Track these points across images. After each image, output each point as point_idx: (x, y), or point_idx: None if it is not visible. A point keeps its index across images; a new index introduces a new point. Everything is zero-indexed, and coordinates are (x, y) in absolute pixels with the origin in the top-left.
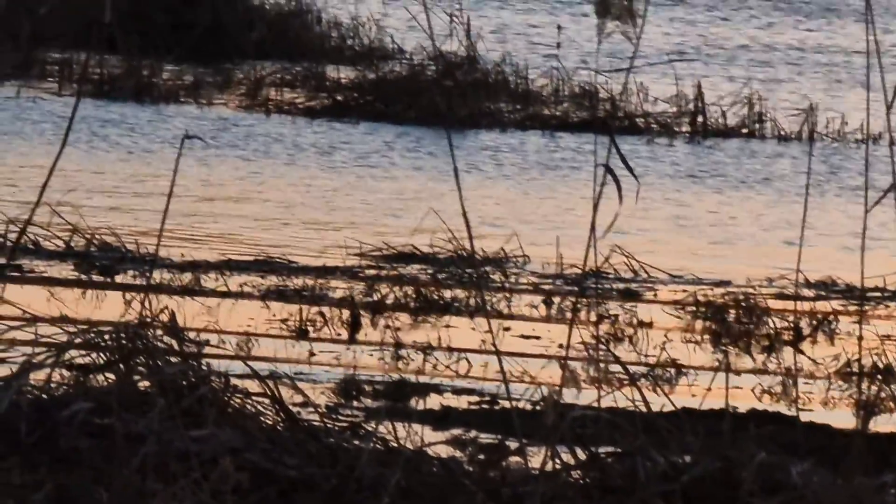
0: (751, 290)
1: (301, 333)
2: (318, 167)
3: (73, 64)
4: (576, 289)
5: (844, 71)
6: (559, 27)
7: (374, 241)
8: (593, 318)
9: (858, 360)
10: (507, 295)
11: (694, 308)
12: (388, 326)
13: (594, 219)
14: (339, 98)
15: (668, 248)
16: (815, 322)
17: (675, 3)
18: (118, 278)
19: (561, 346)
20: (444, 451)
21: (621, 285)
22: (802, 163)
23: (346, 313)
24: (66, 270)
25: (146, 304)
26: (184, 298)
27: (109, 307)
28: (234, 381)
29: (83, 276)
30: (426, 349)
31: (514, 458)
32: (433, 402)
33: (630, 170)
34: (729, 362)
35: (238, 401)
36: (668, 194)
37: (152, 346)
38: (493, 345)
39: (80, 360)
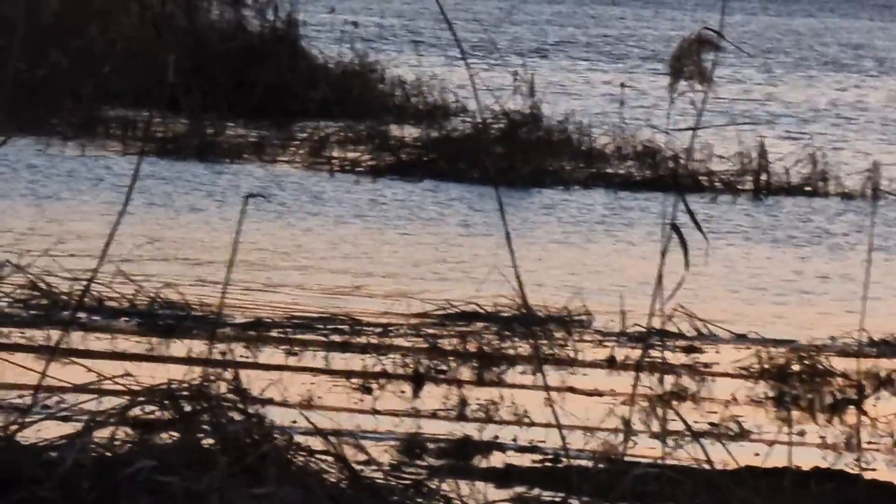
0: (814, 349)
1: (364, 391)
2: (382, 225)
3: (137, 123)
4: (639, 347)
5: None
6: (622, 85)
7: (438, 299)
8: (656, 375)
9: None
10: (571, 352)
11: (757, 366)
12: (451, 384)
13: (660, 277)
14: (402, 156)
15: (731, 306)
16: (878, 380)
17: (743, 63)
18: (182, 337)
19: (624, 403)
20: None
21: (684, 343)
22: (865, 221)
23: (409, 371)
24: (130, 328)
25: (209, 362)
26: (247, 356)
27: (173, 365)
28: (297, 438)
29: (147, 334)
30: (489, 407)
31: None
32: (496, 459)
33: (700, 229)
34: (791, 420)
35: (301, 458)
36: (732, 252)
37: (215, 403)
38: (556, 403)
39: (143, 418)
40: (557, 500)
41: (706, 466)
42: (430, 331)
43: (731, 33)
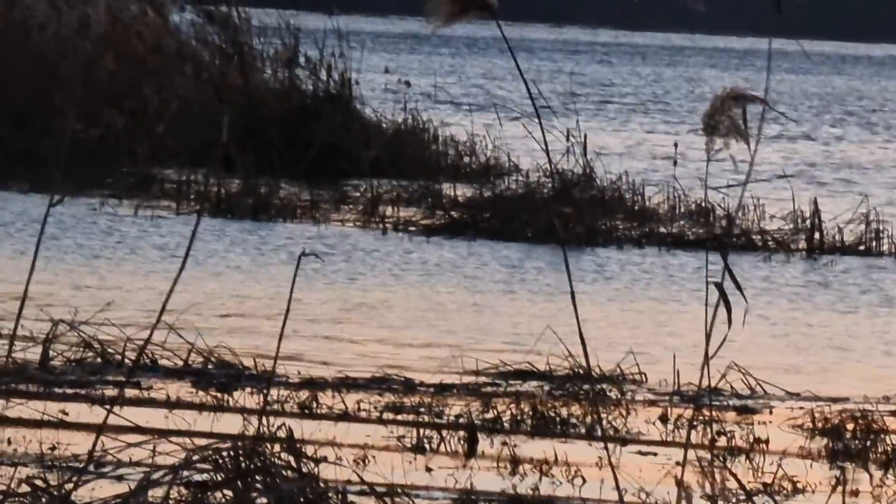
0: (868, 408)
1: (418, 450)
2: (434, 284)
3: (191, 182)
4: (692, 406)
5: None
6: (676, 144)
7: (491, 358)
8: (710, 435)
9: None
10: (624, 412)
11: (810, 424)
12: (504, 444)
13: (708, 337)
14: (455, 215)
15: (784, 365)
16: None
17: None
18: (235, 395)
19: (677, 462)
20: None
21: (738, 402)
22: None
23: (462, 431)
24: (183, 388)
25: (263, 421)
26: (301, 416)
27: (227, 424)
28: (351, 498)
29: (201, 394)
30: (543, 465)
31: None
32: None
33: (740, 289)
34: (845, 480)
35: None
36: (785, 311)
37: (270, 463)
38: (610, 462)
39: (197, 477)
40: None
41: None
42: (484, 389)
43: (780, 91)
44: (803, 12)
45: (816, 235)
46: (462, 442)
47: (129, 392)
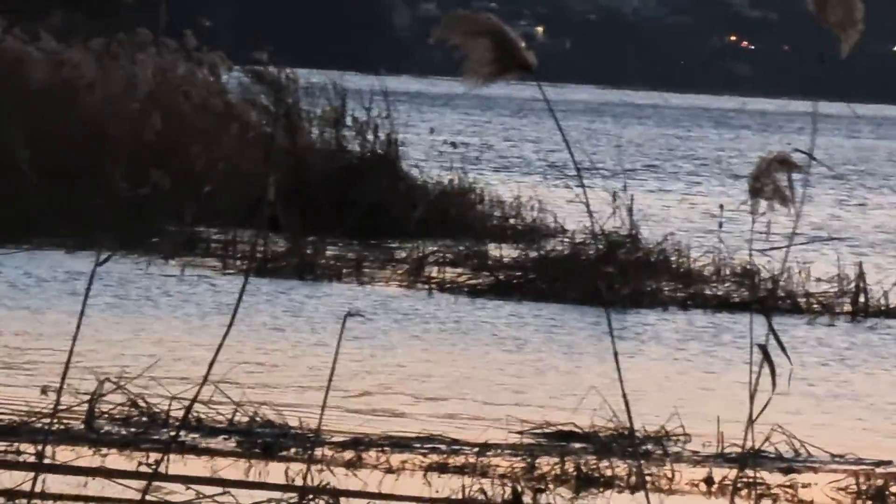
0: None
1: None
2: (481, 345)
3: (237, 242)
4: (736, 467)
5: None
6: (721, 206)
7: (536, 418)
8: (753, 497)
9: None
10: (668, 472)
11: (855, 488)
12: (549, 503)
13: (752, 399)
14: (500, 277)
15: (829, 427)
16: None
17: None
18: (280, 455)
19: None
20: None
21: (782, 464)
22: None
23: (507, 490)
24: (229, 446)
25: (308, 479)
26: (346, 474)
27: (272, 481)
28: None
29: (246, 453)
30: None
31: None
32: None
33: (784, 351)
34: None
35: None
36: (829, 374)
37: None
38: None
39: None
40: None
41: None
42: (529, 449)
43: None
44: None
45: (861, 298)
46: (506, 501)
47: (175, 451)
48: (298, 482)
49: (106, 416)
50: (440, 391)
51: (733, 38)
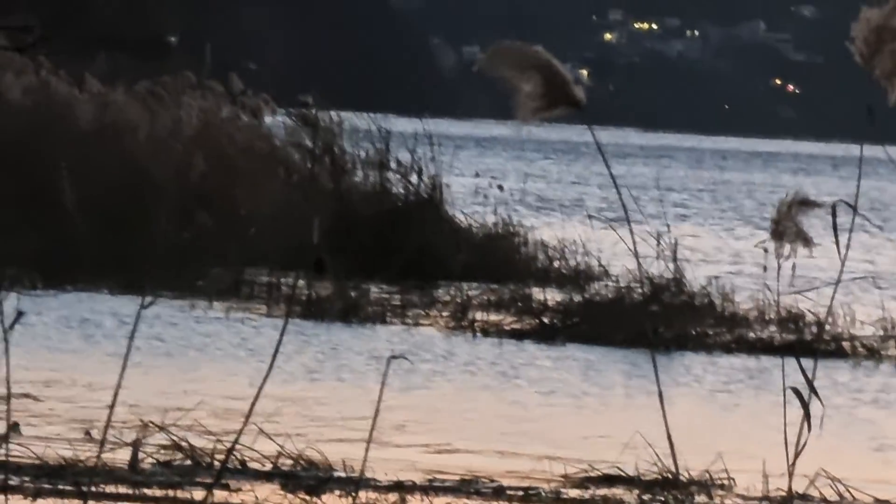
0: None
1: None
2: (525, 389)
3: (282, 285)
4: None
5: None
6: (765, 249)
7: (580, 462)
8: None
9: None
10: None
11: None
12: None
13: (796, 445)
14: (545, 320)
15: (874, 470)
16: None
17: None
18: (324, 498)
19: None
20: None
21: None
22: None
23: None
24: (272, 490)
25: None
26: None
27: None
28: None
29: (289, 496)
30: None
31: None
32: None
33: (815, 393)
34: None
35: None
36: (875, 417)
37: None
38: None
39: None
40: None
41: None
42: (573, 494)
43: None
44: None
45: None
46: None
47: (218, 494)
48: None
49: (150, 458)
50: (484, 434)
51: (778, 81)
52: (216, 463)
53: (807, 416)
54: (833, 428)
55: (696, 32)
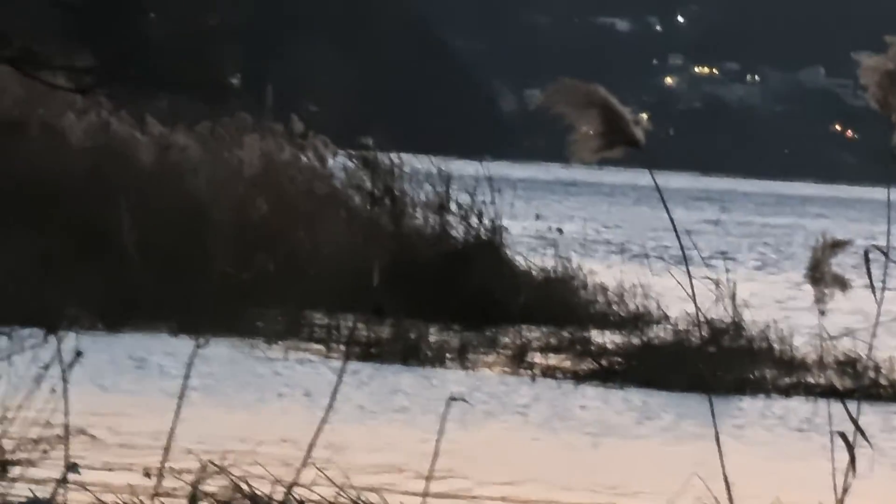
0: None
1: None
2: (583, 431)
3: (341, 326)
4: None
5: None
6: (824, 293)
7: None
8: None
9: None
10: None
11: None
12: None
13: (845, 491)
14: (603, 363)
15: None
16: None
17: None
18: None
19: None
20: None
21: None
22: None
23: None
24: None
25: None
26: None
27: None
28: None
29: None
30: None
31: None
32: None
33: (864, 437)
34: None
35: None
36: None
37: None
38: None
39: None
40: None
41: None
42: None
43: None
44: None
45: None
46: None
47: None
48: None
49: (208, 498)
50: (543, 477)
51: (838, 126)
52: (275, 502)
53: (852, 460)
54: (886, 472)
55: (756, 77)
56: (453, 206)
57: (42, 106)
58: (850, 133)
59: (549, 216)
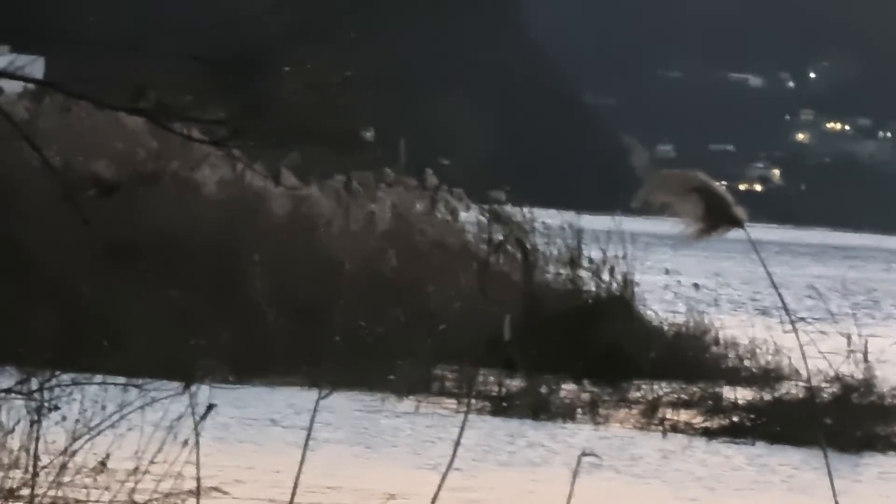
0: None
1: None
2: (715, 488)
3: (472, 381)
4: None
5: None
6: None
7: None
8: None
9: None
10: None
11: None
12: None
13: None
14: (735, 419)
15: None
16: None
17: None
18: None
19: None
20: None
21: None
22: None
23: None
24: None
25: None
26: None
27: None
28: None
29: None
30: None
31: None
32: None
33: None
34: None
35: None
36: None
37: None
38: None
39: None
40: None
41: None
42: None
43: None
44: None
45: None
46: None
47: None
48: None
49: None
50: None
51: None
52: None
53: None
54: None
55: (888, 133)
56: (584, 261)
57: (176, 158)
58: None
59: (680, 271)
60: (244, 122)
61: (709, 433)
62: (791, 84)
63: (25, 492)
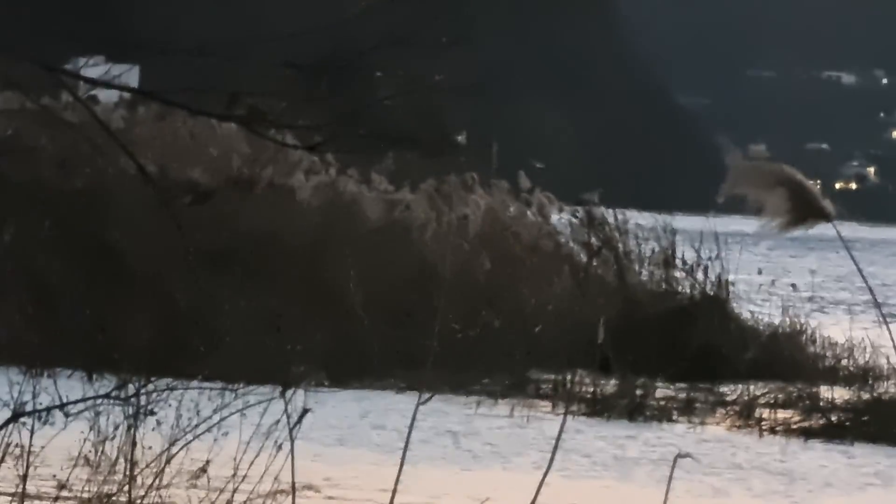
0: None
1: None
2: (811, 489)
3: (567, 383)
4: None
5: None
6: None
7: None
8: None
9: None
10: None
11: None
12: None
13: None
14: (832, 419)
15: None
16: None
17: None
18: None
19: None
20: None
21: None
22: None
23: None
24: None
25: None
26: None
27: None
28: None
29: None
30: None
31: None
32: None
33: None
34: None
35: None
36: None
37: None
38: None
39: None
40: None
41: None
42: None
43: None
44: None
45: None
46: None
47: None
48: None
49: None
50: None
51: None
52: None
53: None
54: None
55: None
56: (678, 262)
57: (270, 165)
58: None
59: (775, 271)
60: (337, 128)
61: (806, 433)
62: (885, 81)
63: (123, 497)
